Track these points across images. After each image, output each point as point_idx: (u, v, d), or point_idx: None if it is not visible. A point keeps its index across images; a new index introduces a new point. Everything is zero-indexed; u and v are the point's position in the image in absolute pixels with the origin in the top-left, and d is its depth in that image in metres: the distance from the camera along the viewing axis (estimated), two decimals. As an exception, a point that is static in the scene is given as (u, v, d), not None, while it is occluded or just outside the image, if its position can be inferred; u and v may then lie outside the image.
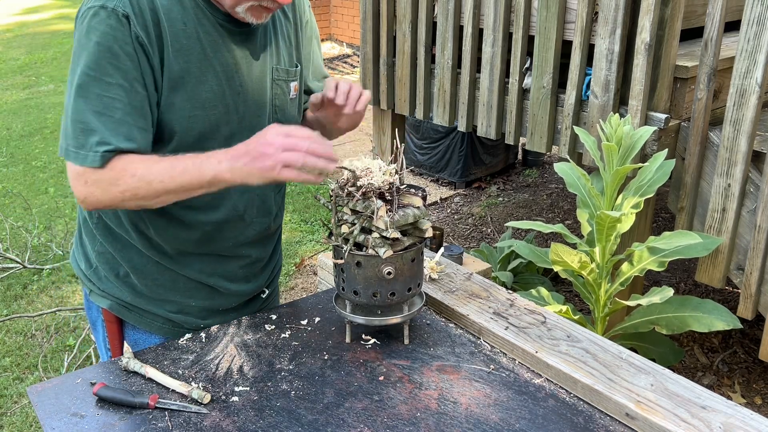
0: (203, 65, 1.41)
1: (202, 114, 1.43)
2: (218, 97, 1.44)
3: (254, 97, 1.51)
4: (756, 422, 1.22)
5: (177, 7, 1.38)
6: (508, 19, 3.15)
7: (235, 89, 1.47)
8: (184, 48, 1.38)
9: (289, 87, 1.58)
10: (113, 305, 1.62)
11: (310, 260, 4.33)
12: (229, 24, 1.43)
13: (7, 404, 3.06)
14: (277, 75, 1.55)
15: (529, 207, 5.01)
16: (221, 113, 1.45)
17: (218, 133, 1.46)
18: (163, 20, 1.35)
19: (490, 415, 1.29)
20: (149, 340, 1.63)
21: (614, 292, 2.54)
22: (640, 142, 2.37)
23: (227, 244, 1.59)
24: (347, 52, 9.67)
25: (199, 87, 1.41)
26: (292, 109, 1.62)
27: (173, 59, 1.37)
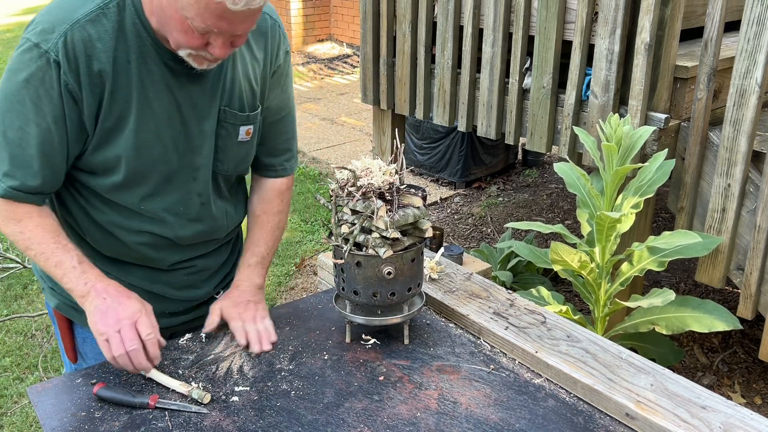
0: (142, 107, 1.38)
1: (138, 155, 1.41)
2: (156, 138, 1.42)
3: (195, 138, 1.47)
4: (756, 422, 1.22)
5: (122, 45, 1.34)
6: (508, 19, 3.15)
7: (175, 129, 1.44)
8: (123, 91, 1.36)
9: (237, 130, 1.52)
10: (61, 305, 1.63)
11: (310, 260, 4.33)
12: (175, 63, 1.38)
13: (7, 404, 3.06)
14: (225, 117, 1.49)
15: (529, 207, 5.01)
16: (159, 153, 1.43)
17: (156, 170, 1.45)
18: (103, 67, 1.32)
19: (490, 415, 1.29)
20: None
21: (614, 292, 2.54)
22: (639, 142, 2.37)
23: (163, 262, 1.57)
24: (347, 52, 9.67)
25: (136, 128, 1.39)
26: (239, 151, 1.56)
27: (112, 103, 1.36)
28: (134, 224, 1.49)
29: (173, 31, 1.28)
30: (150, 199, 1.47)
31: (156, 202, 1.48)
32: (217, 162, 1.53)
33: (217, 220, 1.59)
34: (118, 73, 1.34)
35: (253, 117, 1.54)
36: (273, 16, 1.54)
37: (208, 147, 1.50)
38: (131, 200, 1.46)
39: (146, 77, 1.37)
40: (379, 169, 1.42)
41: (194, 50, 1.30)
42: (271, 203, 1.70)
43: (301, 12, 9.58)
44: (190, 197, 1.51)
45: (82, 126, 1.36)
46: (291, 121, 1.69)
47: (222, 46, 1.29)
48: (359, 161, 1.44)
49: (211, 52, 1.30)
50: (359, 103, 7.44)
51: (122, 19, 1.33)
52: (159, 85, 1.39)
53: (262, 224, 1.69)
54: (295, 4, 9.48)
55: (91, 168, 1.43)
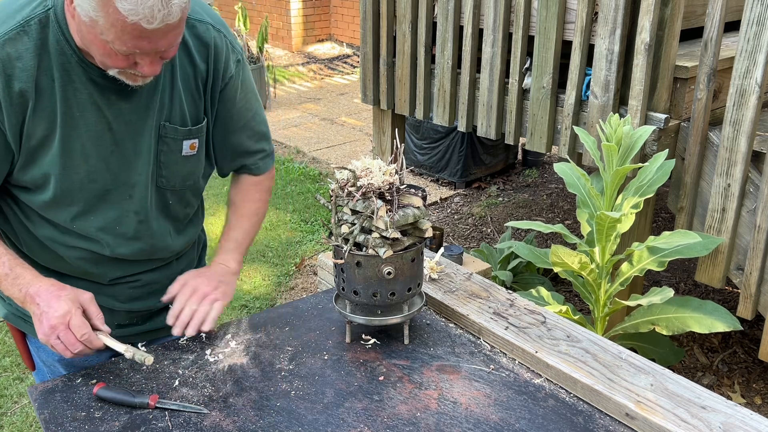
0: (67, 126, 1.34)
1: (65, 175, 1.38)
2: (82, 158, 1.38)
3: (132, 155, 1.43)
4: (756, 422, 1.22)
5: (44, 63, 1.29)
6: (508, 19, 3.15)
7: (106, 148, 1.39)
8: (46, 110, 1.32)
9: (180, 145, 1.47)
10: (9, 315, 1.60)
11: (310, 260, 4.33)
12: (103, 80, 1.34)
13: (7, 404, 3.06)
14: (165, 132, 1.44)
15: (529, 207, 5.01)
16: (87, 172, 1.39)
17: (86, 189, 1.41)
18: (24, 86, 1.28)
19: (490, 415, 1.29)
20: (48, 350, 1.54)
21: (614, 292, 2.54)
22: (639, 142, 2.37)
23: (106, 278, 1.54)
24: (347, 52, 9.67)
25: (61, 147, 1.35)
26: (185, 165, 1.51)
27: (35, 122, 1.32)
28: (69, 240, 1.46)
29: (97, 54, 1.25)
30: (82, 218, 1.44)
31: (89, 220, 1.44)
32: (161, 178, 1.49)
33: (157, 239, 1.54)
34: (41, 91, 1.30)
35: (196, 131, 1.49)
36: (216, 26, 1.48)
37: (145, 163, 1.45)
38: (63, 218, 1.43)
39: (71, 96, 1.33)
40: (379, 169, 1.42)
41: (122, 69, 1.28)
42: (247, 191, 1.70)
43: (301, 12, 9.58)
44: (126, 215, 1.47)
45: (6, 145, 1.33)
46: (258, 121, 1.64)
47: (150, 64, 1.26)
48: (359, 161, 1.44)
49: (140, 70, 1.27)
50: (359, 103, 7.44)
51: (45, 37, 1.29)
52: (85, 104, 1.35)
53: (238, 210, 1.69)
54: (295, 4, 9.48)
55: (22, 184, 1.40)
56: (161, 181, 1.49)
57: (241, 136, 1.61)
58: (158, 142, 1.45)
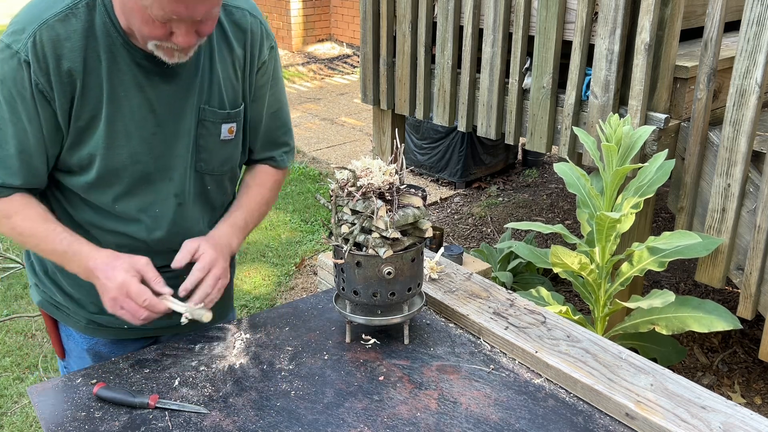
0: (113, 106, 1.38)
1: (109, 154, 1.41)
2: (126, 138, 1.41)
3: (173, 138, 1.46)
4: (756, 422, 1.22)
5: (92, 45, 1.34)
6: (508, 19, 3.15)
7: (148, 129, 1.43)
8: (94, 90, 1.37)
9: (219, 128, 1.51)
10: (43, 302, 1.64)
11: (310, 260, 4.33)
12: (147, 62, 1.39)
13: (7, 404, 3.06)
14: (205, 116, 1.48)
15: (529, 207, 5.01)
16: (130, 153, 1.43)
17: (129, 169, 1.44)
18: (73, 66, 1.33)
19: (490, 415, 1.29)
20: (78, 338, 1.64)
21: (614, 292, 2.54)
22: (639, 142, 2.37)
23: None
24: (347, 52, 9.67)
25: (107, 128, 1.39)
26: (223, 150, 1.55)
27: (83, 103, 1.36)
28: (109, 224, 1.49)
29: (136, 23, 1.29)
30: (124, 199, 1.47)
31: (130, 202, 1.47)
32: (200, 162, 1.52)
33: (191, 223, 1.56)
34: (89, 72, 1.35)
35: (234, 115, 1.53)
36: (254, 13, 1.53)
37: (185, 146, 1.48)
38: (105, 200, 1.46)
39: (116, 76, 1.38)
40: (379, 169, 1.42)
41: (159, 41, 1.30)
42: (265, 179, 1.69)
43: (301, 12, 9.59)
44: (166, 198, 1.50)
45: (57, 126, 1.38)
46: (286, 114, 1.69)
47: (185, 34, 1.29)
48: (359, 161, 1.44)
49: (175, 42, 1.30)
50: (359, 103, 7.45)
51: (92, 19, 1.33)
52: (129, 85, 1.39)
53: (251, 193, 1.66)
54: (295, 4, 9.48)
55: (67, 167, 1.44)
56: (200, 165, 1.53)
57: (271, 125, 1.65)
58: (198, 126, 1.49)
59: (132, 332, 1.62)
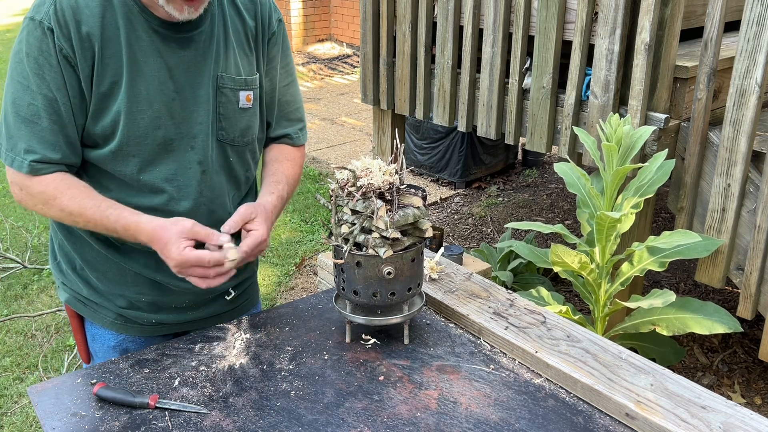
0: (132, 72, 1.42)
1: (133, 118, 1.44)
2: (147, 103, 1.44)
3: (193, 104, 1.49)
4: (756, 422, 1.22)
5: (109, 12, 1.39)
6: (508, 19, 3.15)
7: (168, 95, 1.46)
8: (114, 56, 1.40)
9: (237, 95, 1.54)
10: (70, 299, 1.65)
11: (310, 260, 4.33)
12: (164, 29, 1.44)
13: (7, 404, 3.06)
14: (223, 83, 1.52)
15: (529, 207, 5.01)
16: (152, 118, 1.45)
17: (150, 136, 1.46)
18: (92, 30, 1.38)
19: (490, 415, 1.29)
20: (105, 336, 1.64)
21: (614, 292, 2.54)
22: (639, 142, 2.37)
23: None
24: (347, 52, 9.67)
25: (128, 92, 1.42)
26: (243, 118, 1.57)
27: (103, 68, 1.40)
28: (136, 199, 1.49)
29: None
30: (148, 169, 1.48)
31: (154, 171, 1.49)
32: (221, 130, 1.54)
33: (216, 194, 1.57)
34: (108, 38, 1.39)
35: (251, 81, 1.56)
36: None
37: (205, 113, 1.51)
38: (130, 170, 1.47)
39: (135, 42, 1.42)
40: (379, 169, 1.42)
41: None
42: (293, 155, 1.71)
43: (301, 12, 9.59)
44: (189, 165, 1.51)
45: (81, 93, 1.41)
46: (297, 89, 1.73)
47: None
48: (359, 161, 1.44)
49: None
50: (359, 103, 7.45)
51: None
52: (148, 51, 1.43)
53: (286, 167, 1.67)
54: (295, 4, 9.48)
55: (92, 140, 1.46)
56: (221, 134, 1.55)
57: (284, 100, 1.69)
58: (216, 93, 1.52)
59: (160, 328, 1.63)
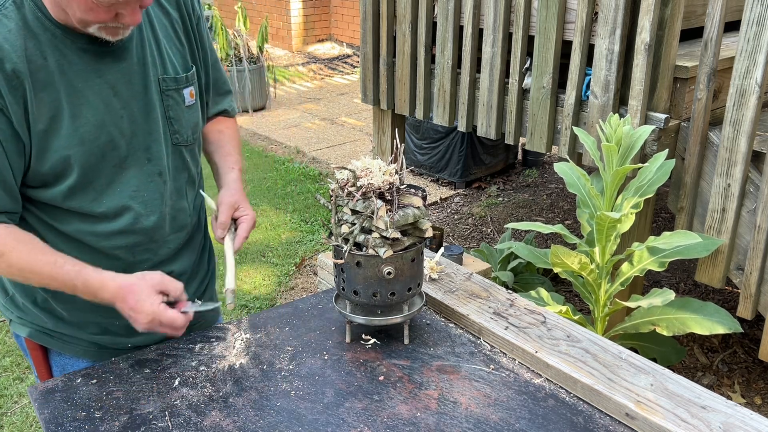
0: (74, 100, 1.33)
1: (85, 149, 1.36)
2: (98, 128, 1.36)
3: (142, 116, 1.43)
4: (756, 422, 1.22)
5: (31, 42, 1.27)
6: (508, 19, 3.15)
7: (117, 114, 1.39)
8: (48, 88, 1.30)
9: (182, 95, 1.50)
10: (33, 333, 1.56)
11: (310, 260, 4.33)
12: (94, 46, 1.34)
13: (7, 404, 3.06)
14: (166, 85, 1.46)
15: (529, 207, 5.01)
16: (105, 142, 1.38)
17: (107, 160, 1.40)
18: (17, 66, 1.25)
19: (490, 415, 1.29)
20: (77, 365, 1.58)
21: (614, 292, 2.54)
22: (639, 142, 2.37)
23: (143, 266, 1.50)
24: (347, 52, 9.67)
25: (74, 123, 1.33)
26: (191, 116, 1.54)
27: (38, 104, 1.29)
28: (101, 227, 1.43)
29: (77, 12, 1.25)
30: (108, 193, 1.42)
31: (116, 194, 1.43)
32: (175, 134, 1.50)
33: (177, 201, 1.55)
34: (36, 71, 1.28)
35: (191, 77, 1.52)
36: None
37: (155, 122, 1.45)
38: (89, 199, 1.40)
39: (68, 69, 1.32)
40: (379, 169, 1.42)
41: (103, 23, 1.28)
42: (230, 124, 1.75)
43: (301, 12, 9.58)
44: (151, 179, 1.47)
45: (16, 136, 1.29)
46: (219, 60, 1.71)
47: (132, 13, 1.28)
48: (359, 161, 1.44)
49: (122, 22, 1.28)
50: (359, 103, 7.44)
51: (23, 16, 1.27)
52: (85, 73, 1.34)
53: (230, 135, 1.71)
54: (295, 4, 9.48)
55: (41, 180, 1.36)
56: (175, 137, 1.51)
57: (217, 74, 1.67)
58: (162, 98, 1.47)
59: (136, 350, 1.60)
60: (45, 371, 1.62)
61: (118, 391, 1.36)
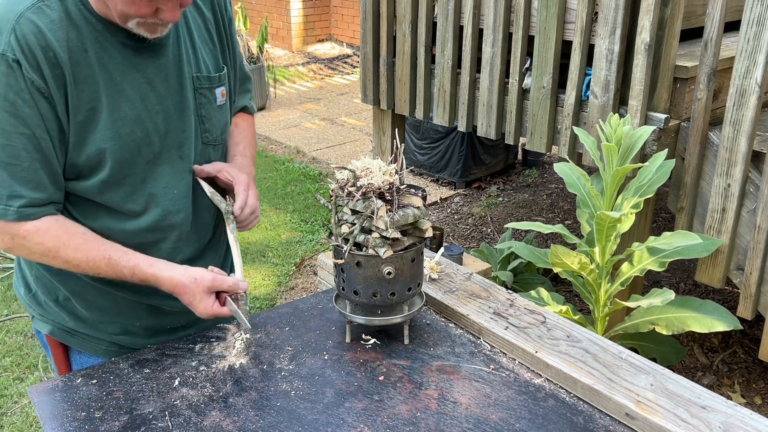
0: (113, 93, 1.34)
1: (120, 143, 1.37)
2: (135, 123, 1.37)
3: (176, 112, 1.44)
4: (756, 422, 1.22)
5: (73, 34, 1.28)
6: (508, 19, 3.15)
7: (153, 109, 1.40)
8: (88, 80, 1.31)
9: (214, 94, 1.51)
10: (54, 330, 1.58)
11: (310, 260, 4.33)
12: (132, 41, 1.35)
13: (7, 404, 3.06)
14: (200, 83, 1.47)
15: (529, 207, 5.01)
16: (140, 137, 1.39)
17: (142, 155, 1.41)
18: (60, 55, 1.27)
19: (490, 415, 1.29)
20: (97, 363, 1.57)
21: (614, 292, 2.54)
22: (639, 142, 2.37)
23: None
24: (347, 52, 9.67)
25: (112, 116, 1.34)
26: (221, 116, 1.55)
27: (78, 95, 1.30)
28: (130, 225, 1.45)
29: (118, 4, 1.26)
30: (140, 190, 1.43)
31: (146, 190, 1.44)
32: (205, 133, 1.51)
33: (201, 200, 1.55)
34: (77, 62, 1.29)
35: (223, 77, 1.54)
36: None
37: (188, 119, 1.47)
38: (121, 194, 1.41)
39: (108, 62, 1.33)
40: (379, 169, 1.42)
41: (143, 18, 1.28)
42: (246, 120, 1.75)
43: (301, 12, 9.58)
44: (182, 176, 1.48)
45: (60, 125, 1.31)
46: (245, 62, 1.72)
47: (172, 9, 1.28)
48: (359, 161, 1.44)
49: (161, 18, 1.29)
50: (359, 103, 7.44)
51: (66, 8, 1.29)
52: (124, 67, 1.35)
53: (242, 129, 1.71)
54: (295, 4, 9.48)
55: (76, 171, 1.38)
56: (205, 136, 1.52)
57: (242, 73, 1.69)
58: (195, 95, 1.48)
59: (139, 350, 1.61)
60: (65, 369, 1.64)
61: (118, 391, 1.36)
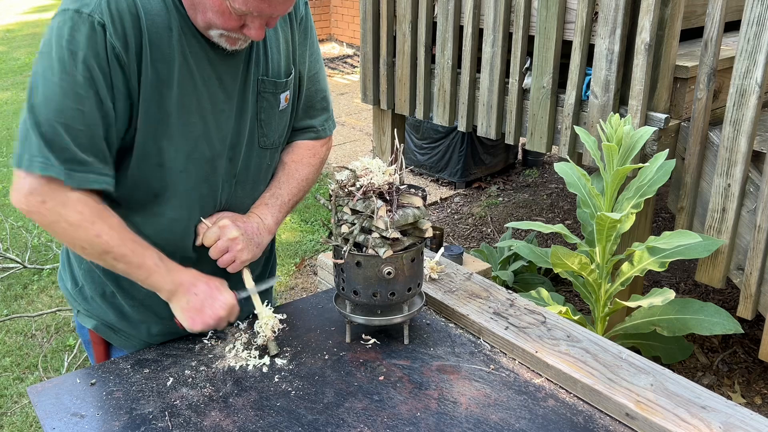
0: (184, 76, 1.31)
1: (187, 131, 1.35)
2: (200, 115, 1.36)
3: (236, 114, 1.42)
4: (756, 422, 1.22)
5: (163, 11, 1.27)
6: (508, 19, 3.15)
7: (218, 105, 1.38)
8: (165, 57, 1.28)
9: (278, 99, 1.47)
10: (99, 326, 1.58)
11: (310, 260, 4.33)
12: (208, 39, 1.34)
13: (7, 404, 3.06)
14: (264, 87, 1.44)
15: (529, 207, 5.01)
16: (202, 131, 1.37)
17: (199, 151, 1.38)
18: (145, 26, 1.24)
19: (490, 415, 1.29)
20: None
21: (614, 292, 2.54)
22: (640, 143, 2.37)
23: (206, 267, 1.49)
24: (347, 52, 9.67)
25: (180, 102, 1.32)
26: (280, 121, 1.52)
27: (152, 69, 1.28)
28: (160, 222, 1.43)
29: (208, 12, 1.25)
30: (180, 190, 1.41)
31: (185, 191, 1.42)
32: (263, 137, 1.49)
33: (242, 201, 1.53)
34: (161, 36, 1.26)
35: (289, 82, 1.50)
36: None
37: (244, 122, 1.44)
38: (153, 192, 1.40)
39: (187, 46, 1.30)
40: (379, 169, 1.42)
41: (227, 32, 1.28)
42: (303, 155, 1.62)
43: (301, 12, 9.58)
44: (228, 180, 1.47)
45: (128, 97, 1.28)
46: (324, 78, 1.63)
47: (259, 28, 1.27)
48: (359, 161, 1.44)
49: (247, 34, 1.28)
50: (359, 103, 7.44)
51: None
52: (199, 58, 1.32)
53: (288, 171, 1.60)
54: (295, 4, 9.47)
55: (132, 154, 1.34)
56: (263, 140, 1.49)
57: (311, 89, 1.59)
58: (257, 99, 1.45)
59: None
60: None
61: (118, 391, 1.36)
